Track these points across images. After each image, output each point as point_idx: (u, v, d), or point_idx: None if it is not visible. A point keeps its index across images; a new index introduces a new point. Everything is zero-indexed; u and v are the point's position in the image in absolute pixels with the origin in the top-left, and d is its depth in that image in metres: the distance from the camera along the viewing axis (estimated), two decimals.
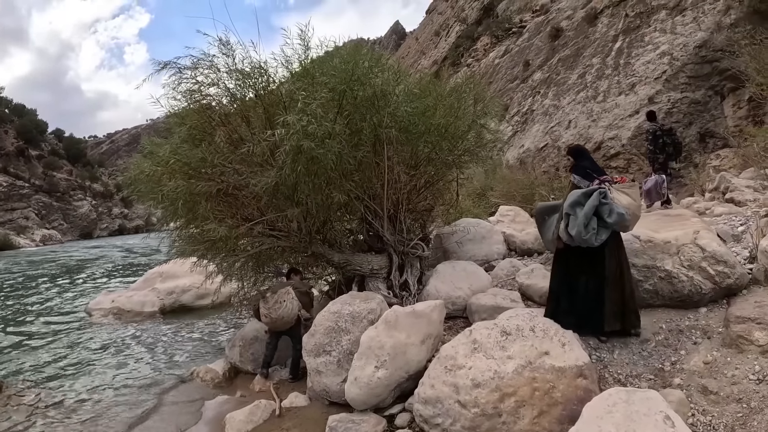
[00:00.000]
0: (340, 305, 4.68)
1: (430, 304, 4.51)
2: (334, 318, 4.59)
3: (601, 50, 18.51)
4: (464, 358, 3.90)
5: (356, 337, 4.47)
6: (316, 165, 4.93)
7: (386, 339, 4.18)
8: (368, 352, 4.16)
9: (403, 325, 4.29)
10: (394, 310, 4.33)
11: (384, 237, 6.19)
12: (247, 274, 7.28)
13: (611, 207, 4.25)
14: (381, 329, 4.25)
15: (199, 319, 9.13)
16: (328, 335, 4.55)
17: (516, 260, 7.41)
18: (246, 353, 5.84)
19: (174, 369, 6.54)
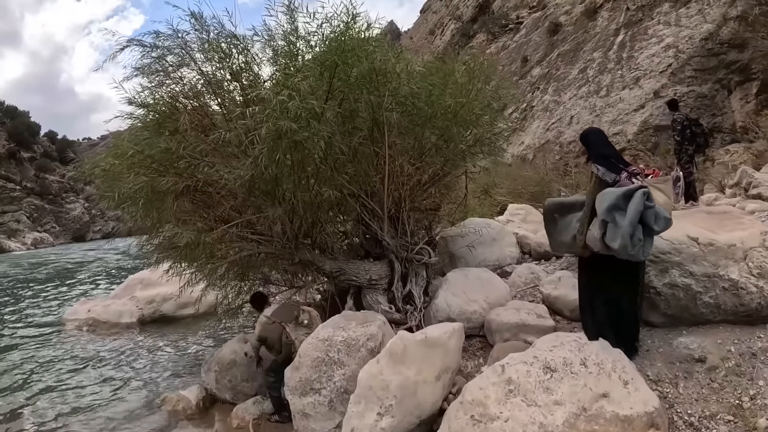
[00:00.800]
0: (332, 330, 3.66)
1: (446, 328, 3.49)
2: (324, 347, 3.57)
3: (603, 44, 17.57)
4: (497, 405, 2.89)
5: (352, 372, 3.48)
6: (301, 153, 3.92)
7: (391, 376, 3.17)
8: (368, 393, 3.15)
9: (413, 357, 3.28)
10: (401, 339, 3.31)
11: (384, 241, 5.17)
12: (230, 282, 6.33)
13: (657, 211, 3.32)
14: (385, 364, 3.23)
15: (179, 332, 8.09)
16: (316, 369, 3.53)
17: (534, 265, 6.40)
18: (223, 380, 4.81)
19: (143, 393, 5.52)
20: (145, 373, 6.17)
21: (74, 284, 15.41)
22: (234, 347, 4.93)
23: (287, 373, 3.65)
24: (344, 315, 3.92)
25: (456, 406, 3.10)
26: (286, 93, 3.52)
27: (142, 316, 8.91)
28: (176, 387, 5.45)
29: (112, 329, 8.63)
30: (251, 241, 5.06)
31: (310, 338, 3.68)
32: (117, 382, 5.92)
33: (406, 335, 3.37)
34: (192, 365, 6.22)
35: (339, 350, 3.55)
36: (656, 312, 4.19)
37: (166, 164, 4.60)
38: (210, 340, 7.39)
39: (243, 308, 6.87)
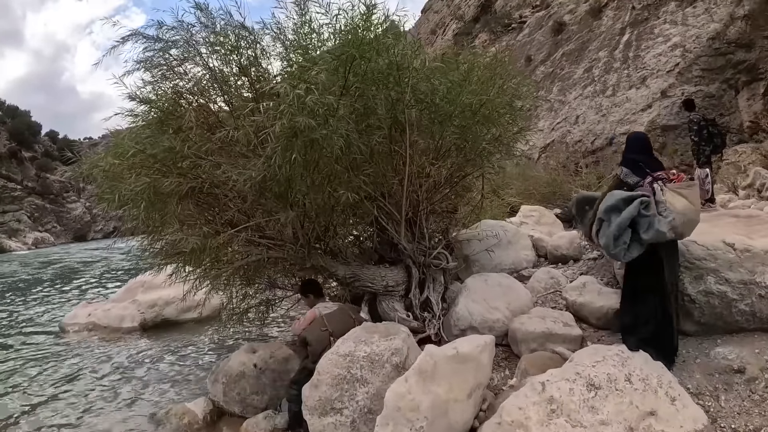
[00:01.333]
0: (353, 344, 3.33)
1: (477, 342, 3.17)
2: (346, 363, 3.24)
3: (608, 43, 17.26)
4: (540, 427, 2.61)
5: (377, 390, 3.16)
6: (317, 152, 3.58)
7: (422, 396, 2.85)
8: (397, 415, 2.82)
9: (444, 374, 2.96)
10: (430, 355, 2.98)
11: (400, 245, 4.84)
12: (235, 286, 6.01)
13: (651, 221, 3.47)
14: (414, 383, 2.91)
15: (183, 337, 7.73)
16: (337, 387, 3.19)
17: (552, 269, 6.08)
18: (231, 392, 4.47)
19: (145, 405, 5.17)
20: (148, 382, 5.83)
21: (78, 285, 15.02)
22: (242, 358, 4.59)
23: (305, 392, 3.31)
24: (365, 327, 3.58)
25: (492, 427, 2.79)
26: (303, 87, 3.18)
27: (144, 320, 8.56)
28: (181, 398, 5.12)
29: (112, 334, 8.29)
30: (260, 245, 4.73)
31: (330, 354, 3.34)
32: (117, 392, 5.59)
33: (435, 351, 3.04)
34: (197, 374, 5.88)
35: (362, 366, 3.22)
36: (689, 320, 4.00)
37: (170, 164, 4.27)
38: (215, 348, 7.05)
39: (248, 313, 6.54)
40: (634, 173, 3.73)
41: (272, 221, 4.36)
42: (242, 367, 4.51)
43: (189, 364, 6.39)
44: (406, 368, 3.23)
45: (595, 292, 4.75)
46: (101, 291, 13.58)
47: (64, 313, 10.01)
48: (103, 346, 7.63)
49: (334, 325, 3.90)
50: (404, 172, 4.29)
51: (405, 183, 4.33)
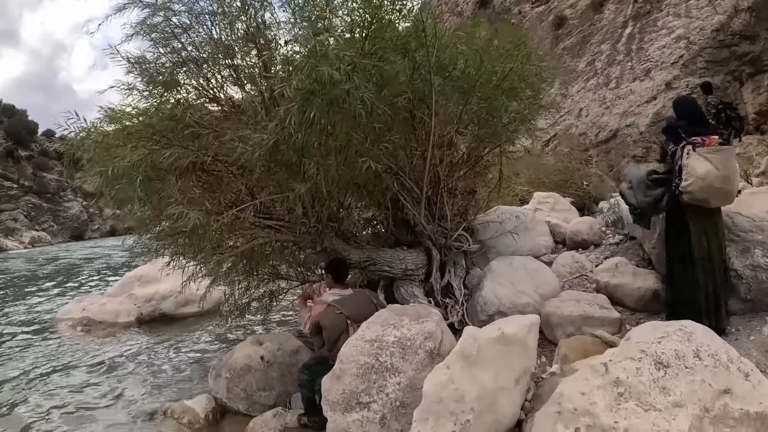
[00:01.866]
0: (381, 328, 2.86)
1: (523, 322, 2.73)
2: (374, 350, 2.76)
3: (611, 36, 16.89)
4: (609, 413, 2.20)
5: (409, 380, 2.70)
6: (337, 114, 3.12)
7: (467, 385, 2.42)
8: (438, 408, 2.37)
9: (489, 358, 2.52)
10: (473, 337, 2.53)
11: (419, 226, 4.40)
12: (238, 273, 5.56)
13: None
14: (458, 369, 2.47)
15: (181, 332, 7.23)
16: (364, 378, 2.72)
17: (576, 254, 5.69)
18: (235, 388, 3.99)
19: (142, 403, 4.69)
20: (144, 379, 5.34)
21: (77, 281, 14.42)
22: (247, 351, 4.12)
23: (325, 385, 2.84)
24: (392, 309, 3.11)
25: (549, 417, 2.34)
26: (324, 36, 2.73)
27: (141, 315, 8.05)
28: (180, 396, 4.64)
29: (108, 329, 7.76)
30: (266, 227, 4.28)
31: (353, 339, 2.88)
32: (112, 390, 5.08)
33: (477, 332, 2.60)
34: (197, 371, 5.39)
35: (392, 353, 2.75)
36: (735, 297, 3.76)
37: (170, 135, 3.81)
38: (216, 342, 6.56)
39: (251, 306, 6.08)
40: (673, 141, 3.66)
41: (281, 199, 3.92)
42: (248, 360, 4.04)
43: (188, 360, 5.90)
44: (441, 355, 2.80)
45: (629, 273, 4.46)
46: (100, 287, 13.02)
47: (60, 308, 9.48)
48: (98, 341, 7.13)
49: (350, 308, 3.43)
50: (427, 142, 3.84)
51: (428, 154, 3.88)
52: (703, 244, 3.57)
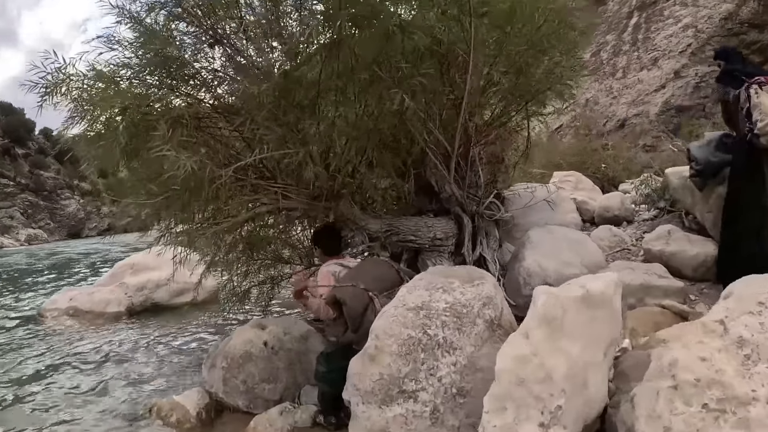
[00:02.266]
0: (426, 293, 2.16)
1: (608, 279, 2.07)
2: (419, 320, 2.06)
3: (615, 27, 16.30)
4: (741, 381, 1.52)
5: (468, 358, 2.04)
6: (367, 31, 2.42)
7: (553, 359, 1.79)
8: (520, 392, 1.71)
9: (575, 323, 1.89)
10: (554, 296, 1.87)
11: (446, 190, 3.72)
12: (236, 261, 4.89)
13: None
14: (541, 338, 1.83)
15: (175, 323, 6.48)
16: (408, 357, 2.02)
17: (614, 228, 5.13)
18: (233, 380, 3.24)
19: (125, 399, 3.96)
20: (130, 373, 4.59)
21: (72, 275, 13.57)
22: (248, 335, 3.37)
23: (354, 368, 2.12)
24: (437, 271, 2.42)
25: (661, 394, 1.68)
26: None
27: (132, 305, 7.30)
28: (169, 391, 3.92)
29: (96, 320, 7.01)
30: (270, 191, 3.59)
31: (391, 307, 2.16)
32: (94, 385, 4.34)
33: (556, 291, 1.94)
34: (191, 364, 4.64)
35: (444, 324, 2.06)
36: None
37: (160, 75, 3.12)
38: (212, 333, 5.82)
39: (250, 294, 5.38)
40: (732, 86, 3.44)
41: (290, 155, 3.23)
42: (248, 346, 3.29)
43: (181, 352, 5.15)
44: (502, 326, 2.15)
45: (684, 239, 4.05)
46: (95, 281, 12.20)
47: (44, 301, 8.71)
48: (84, 332, 6.38)
49: (367, 278, 2.72)
50: (463, 84, 3.14)
51: (464, 99, 3.19)
52: None
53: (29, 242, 31.23)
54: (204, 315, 6.72)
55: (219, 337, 5.55)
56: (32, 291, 10.85)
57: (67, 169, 36.80)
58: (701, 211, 4.31)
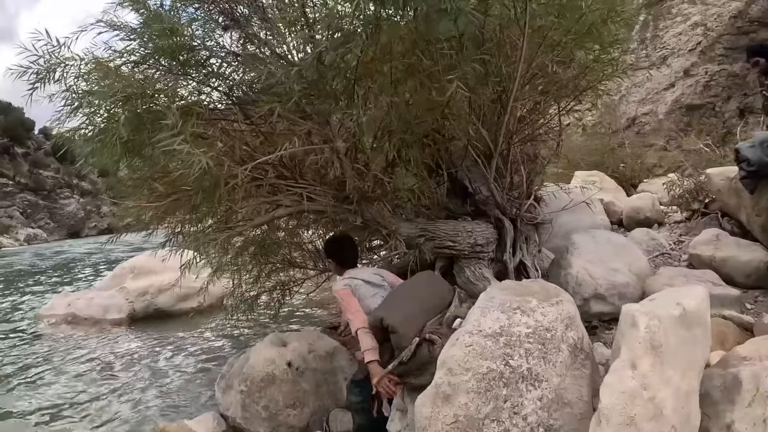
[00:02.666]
0: (504, 315, 1.76)
1: (699, 294, 1.79)
2: (500, 349, 1.67)
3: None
4: None
5: (554, 390, 1.68)
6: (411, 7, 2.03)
7: (663, 392, 1.53)
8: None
9: (675, 348, 1.62)
10: (653, 316, 1.60)
11: (486, 191, 3.32)
12: (246, 265, 4.48)
13: None
14: (648, 367, 1.54)
15: (180, 331, 6.07)
16: (488, 395, 1.63)
17: (651, 231, 4.80)
18: (254, 405, 2.83)
19: (128, 423, 3.55)
20: (134, 390, 4.16)
21: (74, 276, 13.10)
22: (268, 354, 2.95)
23: (421, 411, 1.71)
24: (506, 287, 1.99)
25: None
26: None
27: (133, 311, 6.87)
28: (179, 413, 3.51)
29: (95, 327, 6.58)
30: (290, 192, 3.18)
31: (462, 334, 1.76)
32: (91, 404, 3.91)
33: (653, 311, 1.65)
34: (201, 379, 4.23)
35: (528, 353, 1.70)
36: None
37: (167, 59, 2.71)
38: (222, 342, 5.41)
39: (259, 300, 4.96)
40: None
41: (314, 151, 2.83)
42: (270, 367, 2.88)
43: (189, 366, 4.73)
44: (584, 350, 1.79)
45: (734, 245, 3.77)
46: (95, 283, 11.76)
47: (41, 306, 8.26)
48: (82, 341, 5.95)
49: (421, 299, 2.30)
50: (514, 74, 2.74)
51: (512, 91, 2.79)
52: None
53: (29, 242, 30.69)
54: (211, 323, 6.30)
55: (229, 348, 5.15)
56: (30, 293, 10.40)
57: (67, 168, 36.21)
58: (748, 215, 4.00)
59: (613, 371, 1.54)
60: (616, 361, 1.57)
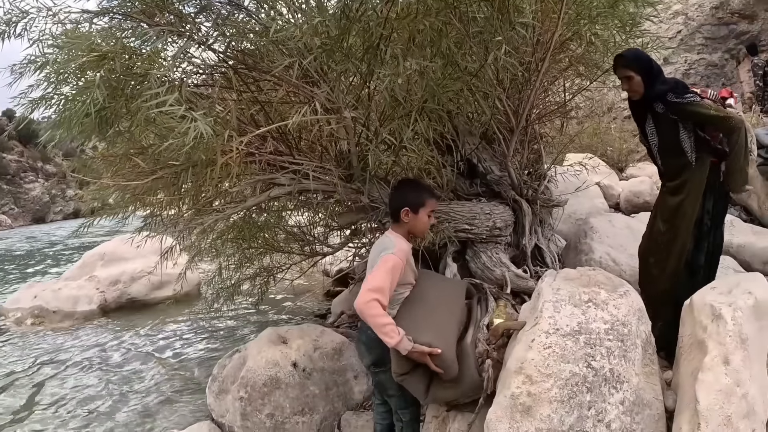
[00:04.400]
0: (578, 310, 1.50)
1: (763, 284, 1.60)
2: (580, 349, 1.42)
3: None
4: None
5: (634, 391, 1.45)
6: None
7: (753, 388, 1.37)
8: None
9: (752, 340, 1.46)
10: (734, 308, 1.45)
11: (507, 172, 3.04)
12: (227, 249, 4.08)
13: None
14: (740, 363, 1.38)
15: (157, 323, 5.62)
16: (571, 402, 1.39)
17: None
18: (257, 414, 2.46)
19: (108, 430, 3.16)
20: (110, 393, 3.72)
21: (46, 266, 12.28)
22: (270, 355, 2.57)
23: (496, 427, 1.41)
24: (568, 277, 1.70)
25: None
26: None
27: (105, 301, 6.35)
28: (165, 420, 3.13)
29: (64, 321, 6.04)
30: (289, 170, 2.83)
31: (539, 335, 1.47)
32: (63, 411, 3.48)
33: (730, 301, 1.49)
34: (186, 379, 3.82)
35: (609, 351, 1.47)
36: None
37: None
38: (204, 337, 4.99)
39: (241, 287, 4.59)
40: None
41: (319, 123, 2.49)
42: (273, 370, 2.51)
43: (171, 363, 4.26)
44: (651, 344, 1.62)
45: (748, 231, 3.72)
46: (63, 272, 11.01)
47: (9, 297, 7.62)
48: (50, 338, 5.41)
49: (440, 305, 1.91)
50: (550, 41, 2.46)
51: (543, 63, 2.50)
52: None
53: None
54: (190, 312, 5.88)
55: (213, 341, 4.77)
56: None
57: (31, 151, 34.38)
58: (760, 201, 4.04)
59: (707, 369, 1.37)
60: (707, 358, 1.41)
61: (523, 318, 1.78)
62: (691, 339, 1.54)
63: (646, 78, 2.34)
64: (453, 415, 1.79)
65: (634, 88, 2.39)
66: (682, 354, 1.59)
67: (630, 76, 2.37)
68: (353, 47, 2.05)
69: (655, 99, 2.33)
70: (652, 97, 2.33)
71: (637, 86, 2.36)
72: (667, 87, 2.30)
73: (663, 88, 2.30)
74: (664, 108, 2.30)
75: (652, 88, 2.33)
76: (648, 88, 2.34)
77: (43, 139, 3.01)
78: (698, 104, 2.23)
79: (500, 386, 1.63)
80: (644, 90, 2.36)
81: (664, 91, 2.29)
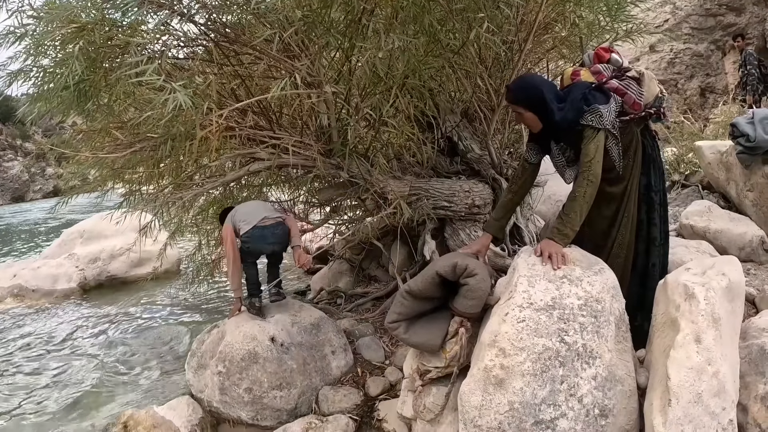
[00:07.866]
0: (553, 285, 1.58)
1: (735, 267, 1.71)
2: (554, 323, 1.49)
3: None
4: None
5: (607, 368, 1.53)
6: None
7: (724, 366, 1.47)
8: (696, 410, 1.37)
9: (724, 320, 1.58)
10: (713, 291, 1.51)
11: (487, 151, 3.07)
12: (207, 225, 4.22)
13: None
14: (711, 341, 1.47)
15: (137, 301, 5.58)
16: (544, 376, 1.46)
17: None
18: (235, 388, 2.48)
19: (87, 410, 3.13)
20: (91, 371, 3.70)
21: (22, 244, 12.07)
22: (248, 329, 2.58)
23: (469, 401, 1.48)
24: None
25: None
26: None
27: (84, 279, 6.29)
28: (145, 397, 3.12)
29: (44, 299, 5.97)
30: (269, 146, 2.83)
31: (512, 308, 1.51)
32: (44, 389, 3.46)
33: (704, 282, 1.56)
34: (167, 356, 3.80)
35: (582, 327, 1.51)
36: None
37: None
38: (184, 314, 4.97)
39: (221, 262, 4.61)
40: None
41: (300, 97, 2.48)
42: (251, 344, 2.52)
43: (151, 341, 4.19)
44: (624, 321, 1.70)
45: (726, 217, 3.80)
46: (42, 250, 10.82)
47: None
48: (30, 317, 5.35)
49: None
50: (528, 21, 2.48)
51: (528, 41, 2.52)
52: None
53: None
54: (170, 289, 5.86)
55: (193, 317, 4.76)
56: None
57: (10, 129, 33.41)
58: (738, 189, 4.09)
59: (678, 346, 1.41)
60: (680, 335, 1.44)
61: (498, 293, 1.83)
62: (664, 317, 1.60)
63: (539, 110, 1.96)
64: (428, 389, 1.84)
65: (529, 124, 2.05)
66: (655, 332, 1.65)
67: (519, 113, 2.02)
68: (335, 21, 2.04)
69: (567, 128, 1.95)
70: (564, 127, 1.95)
71: (531, 121, 2.02)
72: (571, 110, 1.93)
73: (569, 115, 1.92)
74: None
75: (554, 118, 1.95)
76: (549, 119, 1.97)
77: (21, 112, 2.96)
78: (590, 137, 1.89)
79: (474, 359, 1.68)
80: (543, 122, 1.99)
81: (571, 117, 1.92)
